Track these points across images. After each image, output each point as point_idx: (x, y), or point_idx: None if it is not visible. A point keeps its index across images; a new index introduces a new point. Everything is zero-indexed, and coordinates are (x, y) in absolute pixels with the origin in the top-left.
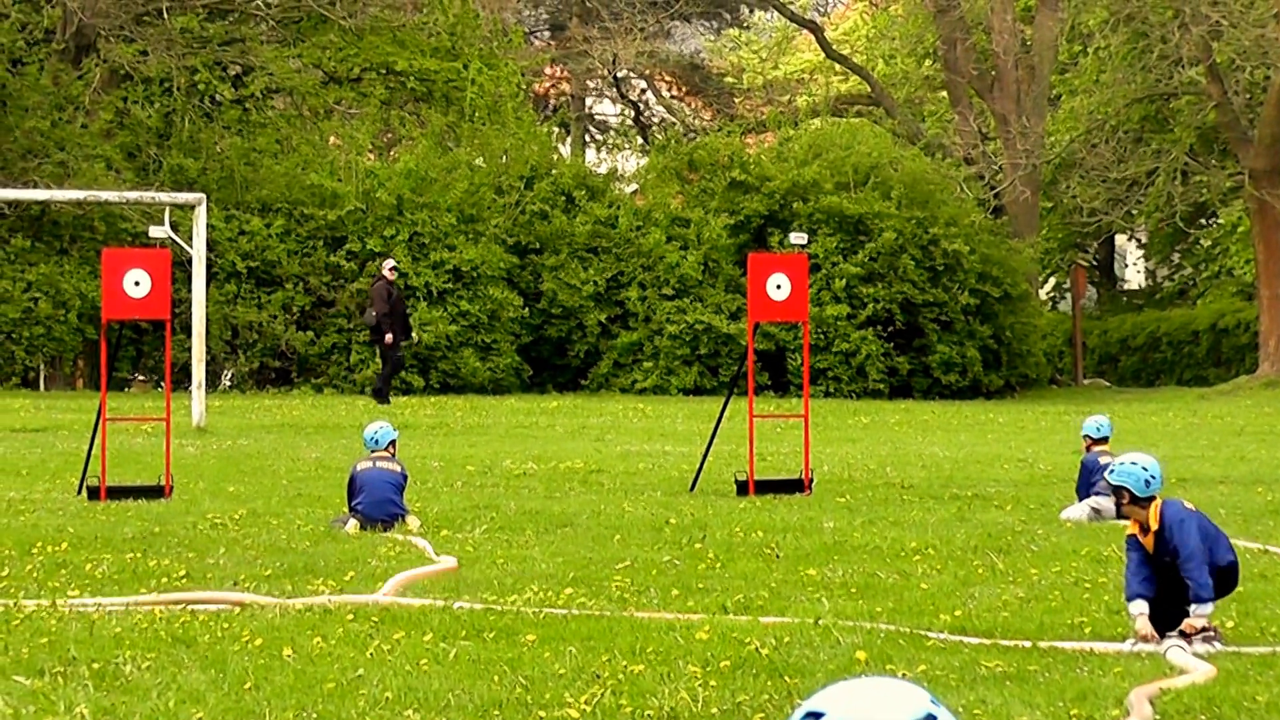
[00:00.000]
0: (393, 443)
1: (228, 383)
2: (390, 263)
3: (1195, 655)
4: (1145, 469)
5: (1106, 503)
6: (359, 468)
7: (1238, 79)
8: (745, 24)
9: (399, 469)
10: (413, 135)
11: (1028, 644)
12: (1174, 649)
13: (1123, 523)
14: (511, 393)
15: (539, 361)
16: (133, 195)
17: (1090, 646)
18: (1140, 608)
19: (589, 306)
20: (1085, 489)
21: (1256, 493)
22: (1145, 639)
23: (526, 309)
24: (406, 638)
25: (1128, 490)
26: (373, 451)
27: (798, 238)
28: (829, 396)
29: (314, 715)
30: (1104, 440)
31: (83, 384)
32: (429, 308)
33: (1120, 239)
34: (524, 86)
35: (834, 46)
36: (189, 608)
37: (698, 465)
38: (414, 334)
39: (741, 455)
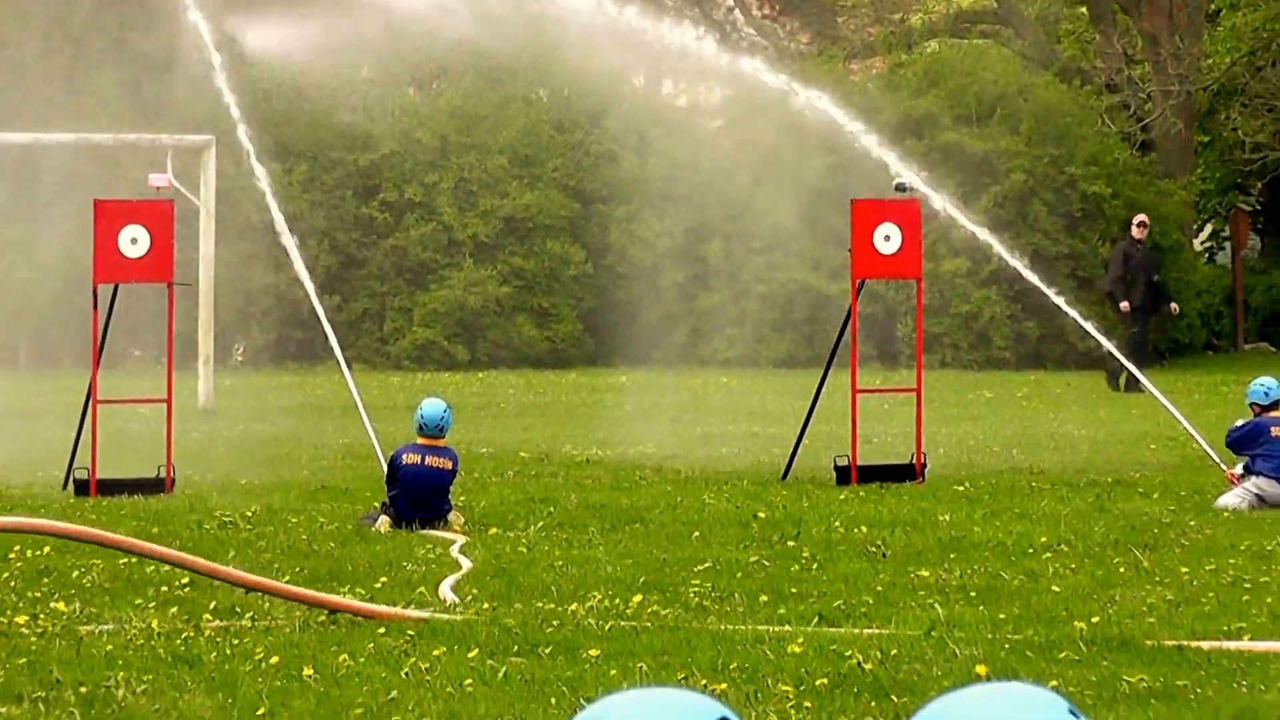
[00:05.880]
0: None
1: (239, 357)
2: (1139, 218)
3: None
4: None
5: (1271, 486)
6: (405, 458)
7: None
8: None
9: (450, 465)
10: (459, 65)
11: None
12: None
13: None
14: (573, 366)
15: (605, 329)
16: (131, 137)
17: (1255, 647)
18: None
19: (664, 264)
20: (1250, 455)
21: None
22: None
23: (591, 266)
24: (448, 654)
25: None
26: (426, 435)
27: (902, 180)
28: (945, 367)
29: None
30: (1275, 406)
31: (70, 360)
32: (476, 265)
33: None
34: None
35: None
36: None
37: (791, 449)
38: (1172, 306)
39: (843, 437)
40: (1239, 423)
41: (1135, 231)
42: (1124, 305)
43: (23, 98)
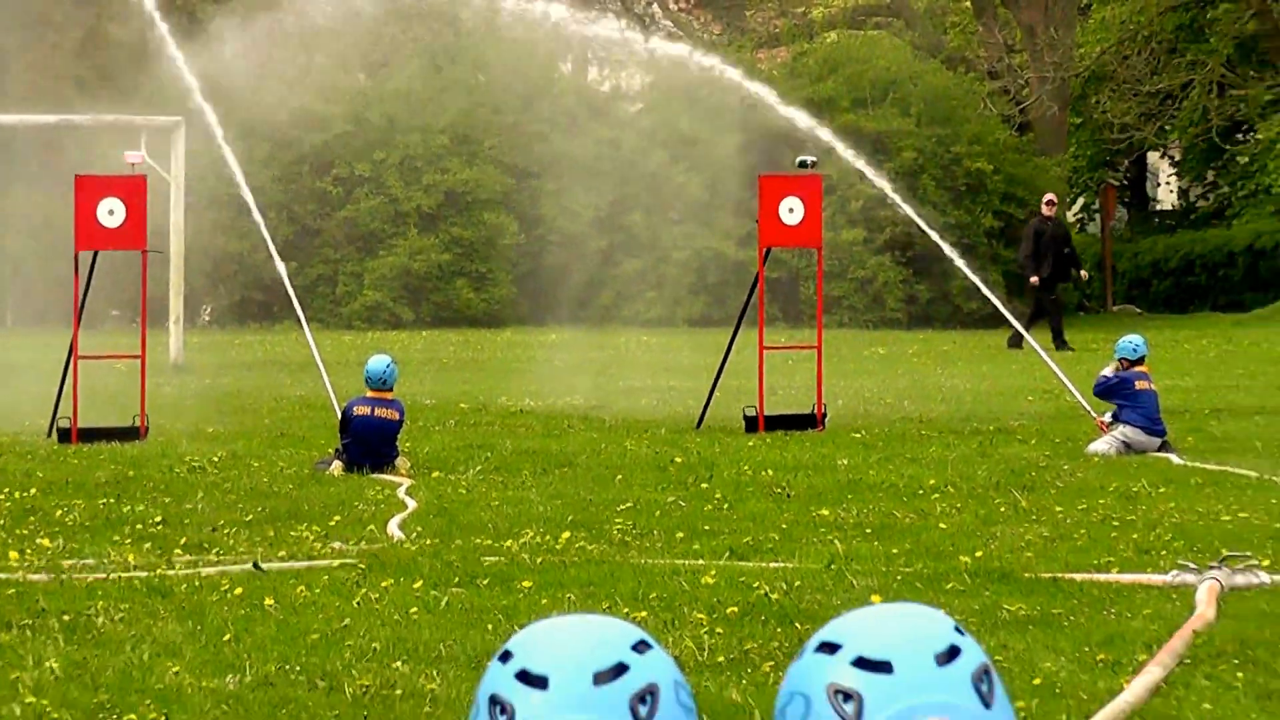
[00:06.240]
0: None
1: (207, 317)
2: (1049, 197)
3: None
4: None
5: (1136, 435)
6: (356, 410)
7: None
8: None
9: (398, 416)
10: (404, 53)
11: (1051, 580)
12: None
13: (1154, 455)
14: (507, 325)
15: (537, 292)
16: (108, 118)
17: (1122, 579)
18: None
19: (590, 233)
20: (1118, 405)
21: None
22: None
23: (524, 235)
24: (395, 585)
25: None
26: (374, 388)
27: (806, 158)
28: (843, 326)
29: (297, 668)
30: (1140, 361)
31: (53, 320)
32: (420, 234)
33: (1152, 156)
34: None
35: None
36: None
37: (704, 400)
38: (1078, 276)
39: (751, 389)
40: (1108, 372)
41: (1045, 210)
42: (1033, 280)
43: (8, 83)
